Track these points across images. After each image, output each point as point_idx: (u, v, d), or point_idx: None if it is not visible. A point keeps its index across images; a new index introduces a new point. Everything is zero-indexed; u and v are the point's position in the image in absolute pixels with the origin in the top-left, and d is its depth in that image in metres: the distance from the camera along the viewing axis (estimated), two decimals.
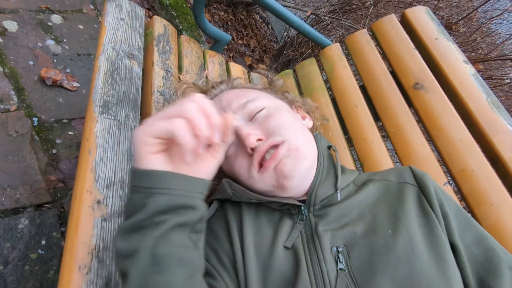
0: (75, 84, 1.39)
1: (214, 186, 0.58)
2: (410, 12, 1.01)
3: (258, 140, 0.54)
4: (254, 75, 1.13)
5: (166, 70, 0.83)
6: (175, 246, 0.40)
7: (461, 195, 0.75)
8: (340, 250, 0.48)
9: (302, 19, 2.41)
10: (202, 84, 0.79)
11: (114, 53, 0.75)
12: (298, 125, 0.61)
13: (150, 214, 0.39)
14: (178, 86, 0.76)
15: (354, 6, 1.88)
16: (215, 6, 2.65)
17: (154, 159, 0.41)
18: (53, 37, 1.46)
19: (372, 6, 1.66)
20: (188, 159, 0.40)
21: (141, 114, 0.73)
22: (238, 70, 1.08)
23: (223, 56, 2.24)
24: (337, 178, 0.57)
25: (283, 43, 2.68)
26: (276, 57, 2.85)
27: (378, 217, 0.52)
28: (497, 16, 1.52)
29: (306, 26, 1.17)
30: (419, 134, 0.84)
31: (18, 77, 1.27)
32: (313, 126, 0.73)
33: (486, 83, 0.89)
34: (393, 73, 0.95)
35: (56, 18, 1.53)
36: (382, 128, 0.94)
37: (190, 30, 1.94)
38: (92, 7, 1.71)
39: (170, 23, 0.96)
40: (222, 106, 0.62)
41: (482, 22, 1.60)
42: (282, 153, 0.53)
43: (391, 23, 1.02)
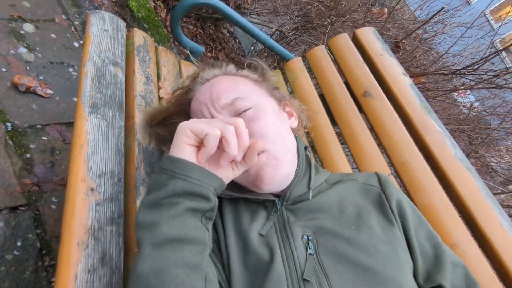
0: (49, 91, 1.41)
1: None
2: (359, 32, 1.18)
3: None
4: None
5: (147, 77, 0.92)
6: (188, 226, 0.46)
7: (402, 184, 0.89)
8: (310, 238, 0.55)
9: (268, 35, 2.57)
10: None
11: (100, 60, 0.82)
12: (281, 129, 0.64)
13: (168, 194, 0.47)
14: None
15: (315, 24, 2.07)
16: (185, 20, 2.75)
17: (186, 149, 0.49)
18: (25, 45, 1.48)
19: (330, 25, 1.86)
20: (201, 160, 0.49)
21: (125, 115, 0.80)
22: None
23: None
24: (310, 178, 0.63)
25: (250, 56, 2.83)
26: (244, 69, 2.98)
27: (344, 213, 0.58)
28: (431, 37, 1.77)
29: (271, 41, 1.30)
30: (369, 135, 0.98)
31: None
32: (298, 125, 0.76)
33: (423, 93, 1.07)
34: (346, 83, 1.10)
35: (28, 27, 1.55)
36: (340, 133, 1.08)
37: (162, 42, 2.02)
38: (64, 17, 1.74)
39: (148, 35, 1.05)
40: (211, 98, 0.64)
41: (421, 42, 1.85)
42: (262, 161, 0.57)
43: (344, 41, 1.18)
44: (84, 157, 0.65)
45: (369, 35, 1.16)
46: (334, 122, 1.06)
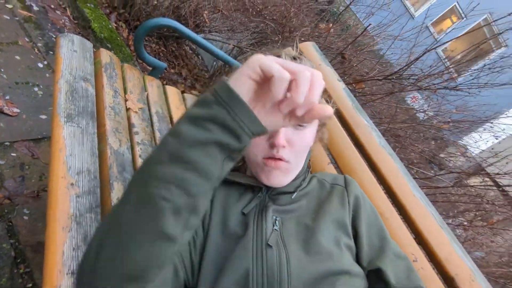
0: (15, 109, 1.47)
1: None
2: (302, 45, 1.37)
3: (283, 146, 0.67)
4: (187, 96, 1.38)
5: (115, 91, 1.04)
6: (209, 158, 0.46)
7: (338, 168, 1.07)
8: (277, 219, 0.68)
9: (228, 51, 2.75)
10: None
11: (71, 77, 0.93)
12: (307, 148, 0.74)
13: (207, 117, 0.45)
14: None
15: (269, 40, 2.28)
16: (147, 39, 2.86)
17: (245, 83, 0.46)
18: None
19: (280, 41, 2.07)
20: (267, 106, 0.47)
21: (97, 123, 0.91)
22: (173, 92, 1.32)
23: None
24: (301, 184, 0.75)
25: (213, 72, 2.98)
26: (206, 84, 3.13)
27: (309, 205, 0.72)
28: (366, 48, 2.05)
29: (227, 57, 1.46)
30: None
31: None
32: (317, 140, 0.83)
33: (364, 96, 1.27)
34: None
35: None
36: None
37: (126, 61, 2.13)
38: (27, 40, 1.81)
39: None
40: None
41: (362, 52, 2.11)
42: (279, 167, 0.68)
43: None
44: (63, 158, 0.75)
45: (309, 48, 1.35)
46: None
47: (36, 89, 1.63)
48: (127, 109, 1.05)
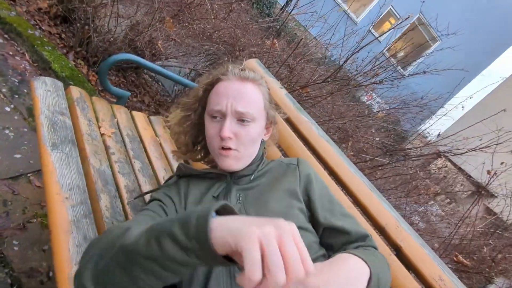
0: None
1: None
2: (247, 62, 1.60)
3: (229, 137, 0.82)
4: (152, 118, 1.55)
5: (89, 120, 1.19)
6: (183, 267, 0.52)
7: None
8: (241, 195, 0.85)
9: (185, 74, 2.95)
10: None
11: (49, 112, 1.08)
12: (256, 139, 0.88)
13: (185, 245, 0.50)
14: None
15: (221, 61, 2.51)
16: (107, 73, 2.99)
17: (224, 245, 0.46)
18: None
19: (231, 59, 2.30)
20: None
21: (78, 148, 1.07)
22: (139, 116, 1.49)
23: None
24: (257, 168, 0.92)
25: (174, 95, 3.16)
26: (170, 108, 3.29)
27: (267, 181, 0.89)
28: (306, 56, 2.36)
29: (184, 80, 1.65)
30: None
31: None
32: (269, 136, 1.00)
33: (309, 99, 1.50)
34: None
35: None
36: None
37: (90, 95, 2.25)
38: None
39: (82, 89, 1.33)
40: (235, 97, 0.82)
41: (301, 61, 2.41)
42: (230, 155, 0.84)
43: None
44: (55, 179, 0.90)
45: (253, 64, 1.58)
46: None
47: (7, 131, 1.73)
48: (102, 134, 1.21)
